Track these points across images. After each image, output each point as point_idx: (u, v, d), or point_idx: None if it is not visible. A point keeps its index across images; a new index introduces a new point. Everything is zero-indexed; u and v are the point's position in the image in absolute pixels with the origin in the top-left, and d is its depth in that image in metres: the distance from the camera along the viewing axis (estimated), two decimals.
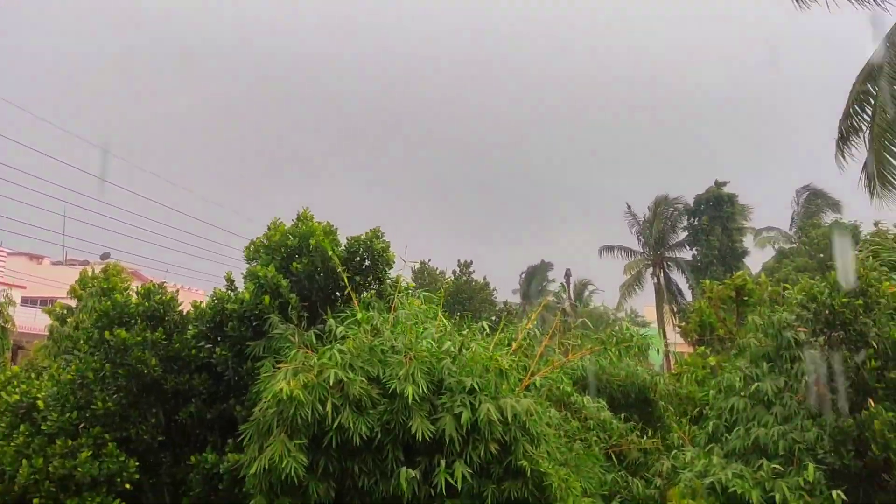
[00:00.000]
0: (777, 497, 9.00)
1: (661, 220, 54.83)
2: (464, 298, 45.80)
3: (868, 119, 16.38)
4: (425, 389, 8.49)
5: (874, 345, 9.30)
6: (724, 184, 53.50)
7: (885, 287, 9.59)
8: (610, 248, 55.51)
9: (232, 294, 10.19)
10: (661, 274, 54.23)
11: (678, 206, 54.93)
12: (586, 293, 66.46)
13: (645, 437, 11.41)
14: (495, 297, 49.68)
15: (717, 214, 52.21)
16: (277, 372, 8.48)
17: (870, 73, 15.86)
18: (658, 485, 10.40)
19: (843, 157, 17.69)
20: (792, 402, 10.05)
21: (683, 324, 16.20)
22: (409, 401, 8.29)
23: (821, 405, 9.68)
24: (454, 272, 51.97)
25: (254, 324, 9.75)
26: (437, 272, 51.41)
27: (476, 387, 8.67)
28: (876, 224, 11.77)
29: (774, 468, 9.35)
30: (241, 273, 10.51)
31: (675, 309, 52.24)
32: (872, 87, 15.83)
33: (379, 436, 8.37)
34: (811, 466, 8.95)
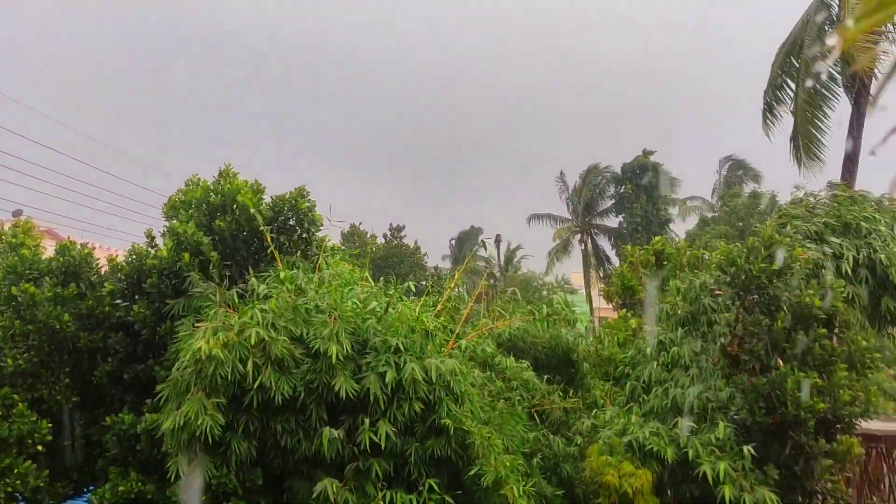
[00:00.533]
0: (690, 453, 9.33)
1: (589, 187, 55.59)
2: (394, 262, 45.63)
3: (792, 91, 16.92)
4: (349, 349, 8.44)
5: (785, 308, 9.66)
6: (652, 153, 54.45)
7: (798, 253, 9.94)
8: (538, 217, 56.11)
9: (151, 251, 9.87)
10: (589, 240, 55.20)
11: (606, 175, 55.75)
12: (516, 259, 67.17)
13: (567, 397, 11.64)
14: (426, 262, 49.65)
15: (643, 183, 53.19)
16: (197, 331, 8.28)
17: (792, 46, 16.34)
18: (578, 442, 10.63)
19: (770, 127, 18.28)
20: (708, 364, 10.40)
21: (605, 287, 16.49)
22: (333, 360, 8.23)
23: (735, 366, 10.05)
24: (385, 236, 51.73)
25: (173, 282, 9.47)
26: (368, 235, 51.08)
27: (401, 347, 8.67)
28: (794, 190, 12.15)
29: (689, 426, 9.68)
30: (159, 231, 10.18)
31: (602, 274, 53.28)
32: (795, 60, 16.32)
33: (302, 395, 8.30)
34: (721, 424, 9.30)
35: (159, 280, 9.42)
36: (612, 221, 55.72)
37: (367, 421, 8.28)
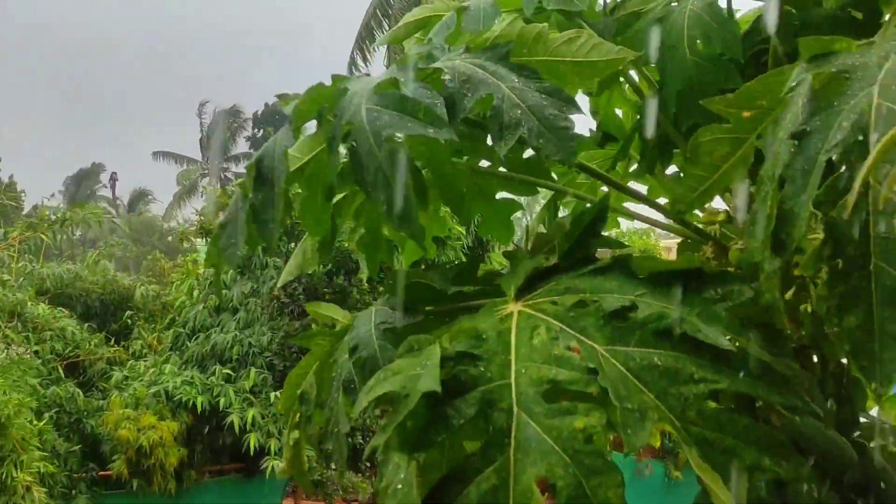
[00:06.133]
0: (222, 401, 9.02)
1: (224, 129, 53.57)
2: None
3: (387, 27, 17.35)
4: None
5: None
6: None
7: None
8: (164, 154, 52.56)
9: None
10: (219, 184, 53.25)
11: (244, 118, 54.17)
12: (143, 202, 62.49)
13: (107, 347, 10.63)
14: (24, 199, 43.48)
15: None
16: None
17: (382, 6, 16.73)
18: (114, 396, 9.74)
19: (364, 61, 18.64)
20: (256, 308, 10.13)
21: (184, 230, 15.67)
22: None
23: (277, 310, 9.91)
24: None
25: None
26: None
27: None
28: None
29: (227, 374, 9.36)
30: None
31: None
32: (383, 19, 16.75)
33: None
34: (252, 371, 9.15)
35: None
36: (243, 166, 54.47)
37: None
